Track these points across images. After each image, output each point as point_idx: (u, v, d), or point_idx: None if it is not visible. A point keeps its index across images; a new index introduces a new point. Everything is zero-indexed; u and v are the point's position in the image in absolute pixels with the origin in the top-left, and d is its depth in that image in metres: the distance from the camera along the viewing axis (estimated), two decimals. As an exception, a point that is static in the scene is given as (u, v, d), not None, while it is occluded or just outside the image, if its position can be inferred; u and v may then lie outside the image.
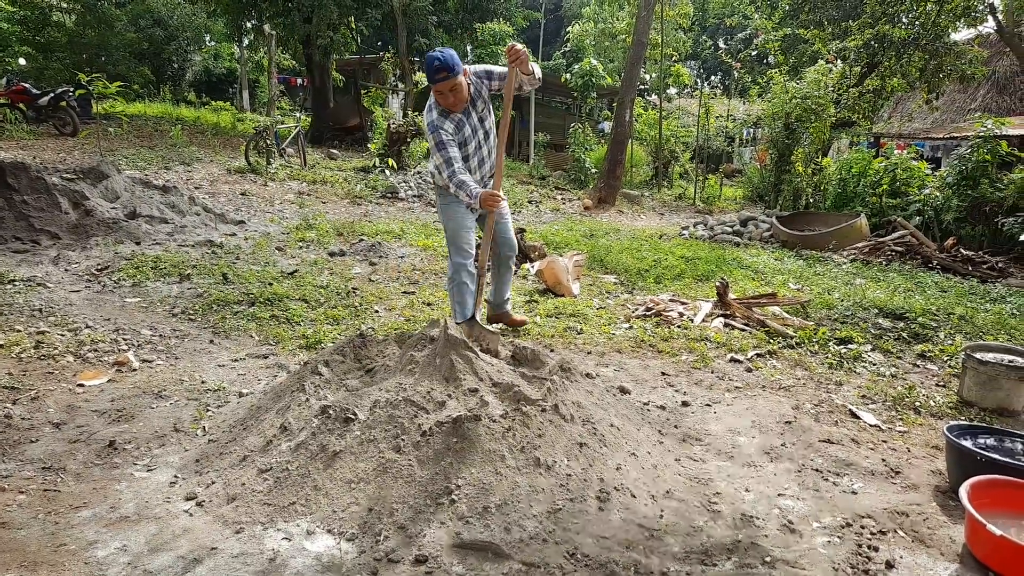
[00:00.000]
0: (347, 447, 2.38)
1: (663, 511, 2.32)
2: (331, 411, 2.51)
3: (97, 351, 3.66)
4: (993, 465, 2.44)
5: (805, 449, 2.95)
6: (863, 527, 2.32)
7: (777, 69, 12.49)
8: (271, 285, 5.09)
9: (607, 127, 18.33)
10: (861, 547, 2.20)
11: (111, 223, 6.24)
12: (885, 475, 2.74)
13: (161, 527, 2.16)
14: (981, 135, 8.34)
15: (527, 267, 6.41)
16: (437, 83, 3.41)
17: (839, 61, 12.20)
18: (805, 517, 2.39)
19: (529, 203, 12.11)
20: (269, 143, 11.82)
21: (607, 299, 5.56)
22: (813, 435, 3.08)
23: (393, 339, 3.16)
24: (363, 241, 7.00)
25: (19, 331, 3.81)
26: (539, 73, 3.50)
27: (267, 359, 3.75)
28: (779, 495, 2.54)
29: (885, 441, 3.08)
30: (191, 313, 4.43)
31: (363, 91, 19.30)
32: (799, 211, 10.45)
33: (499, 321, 4.33)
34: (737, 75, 18.67)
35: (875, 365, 4.12)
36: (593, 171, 14.60)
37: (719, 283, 5.08)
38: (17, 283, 4.70)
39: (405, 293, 5.31)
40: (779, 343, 4.42)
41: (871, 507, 2.47)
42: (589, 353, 4.17)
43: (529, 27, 25.80)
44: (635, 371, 3.90)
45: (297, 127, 12.99)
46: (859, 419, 3.32)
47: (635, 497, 2.35)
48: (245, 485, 2.33)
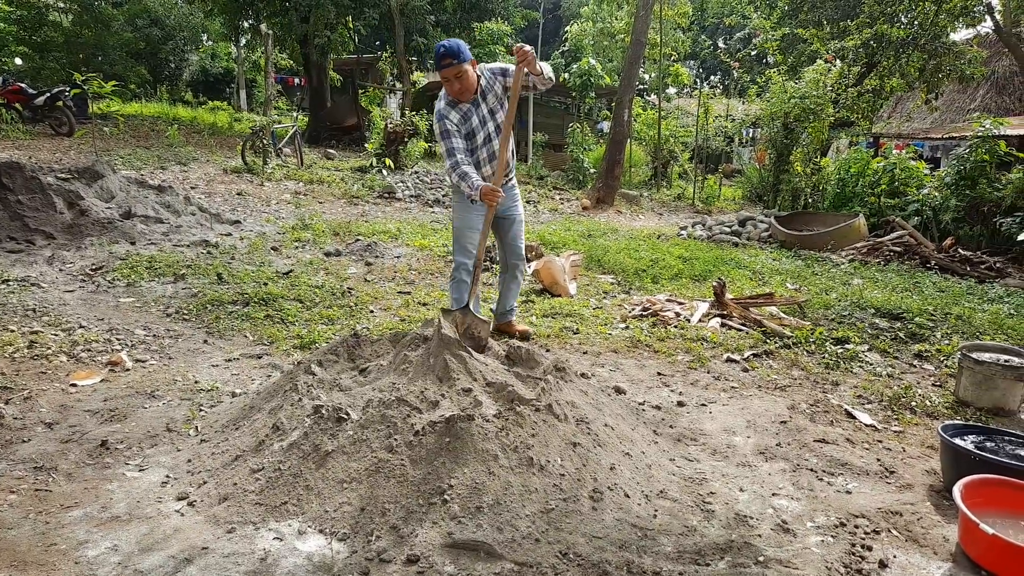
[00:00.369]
0: (340, 447, 2.37)
1: (657, 511, 2.31)
2: (324, 411, 2.50)
3: (90, 351, 3.65)
4: (987, 464, 2.44)
5: (800, 449, 2.95)
6: (857, 527, 2.32)
7: (776, 69, 12.48)
8: (266, 285, 5.08)
9: (606, 127, 18.29)
10: (855, 547, 2.20)
11: (106, 223, 6.22)
12: (880, 475, 2.74)
13: (152, 527, 2.15)
14: (980, 135, 8.33)
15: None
16: (443, 69, 3.46)
17: (838, 61, 12.17)
18: (799, 517, 2.38)
19: (527, 203, 12.08)
20: (266, 143, 11.79)
21: (604, 299, 5.55)
22: (808, 435, 3.08)
23: (387, 339, 3.15)
24: (359, 241, 6.99)
25: (12, 331, 3.80)
26: (549, 72, 3.54)
27: (261, 359, 3.74)
28: (773, 495, 2.53)
29: (880, 441, 3.08)
30: (185, 313, 4.42)
31: (360, 91, 19.30)
32: (797, 211, 10.43)
33: (503, 331, 4.24)
34: (736, 75, 18.67)
35: (871, 365, 4.11)
36: (591, 171, 14.57)
37: (716, 283, 5.07)
38: (11, 283, 4.68)
39: (401, 293, 5.29)
40: (776, 343, 4.42)
41: (865, 507, 2.46)
42: (585, 353, 4.16)
43: (527, 26, 25.77)
44: (631, 371, 3.89)
45: (294, 127, 12.96)
46: (855, 419, 3.31)
47: (629, 497, 2.34)
48: (237, 485, 2.33)
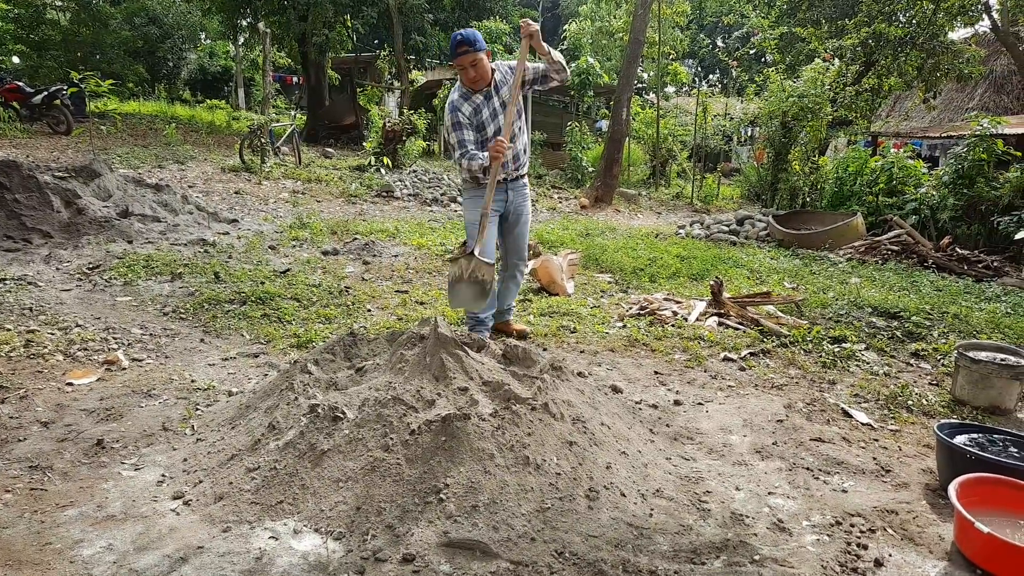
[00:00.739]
0: (335, 446, 2.37)
1: (653, 510, 2.31)
2: (320, 410, 2.49)
3: (87, 350, 3.64)
4: (983, 463, 2.44)
5: (796, 448, 2.95)
6: (853, 525, 2.32)
7: (774, 67, 12.47)
8: (263, 284, 5.08)
9: (604, 125, 18.27)
10: (850, 545, 2.20)
11: (103, 222, 6.21)
12: (876, 473, 2.74)
13: (148, 526, 2.15)
14: (977, 134, 8.34)
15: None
16: (458, 57, 3.51)
17: (836, 60, 12.18)
18: (795, 515, 2.39)
19: (525, 201, 12.07)
20: (264, 141, 11.77)
21: (601, 298, 5.55)
22: (804, 434, 3.08)
23: (384, 338, 3.15)
24: (357, 240, 6.98)
25: (9, 330, 3.79)
26: (559, 57, 3.58)
27: (258, 358, 3.74)
28: (769, 494, 2.53)
29: (877, 440, 3.08)
30: (182, 312, 4.41)
31: (359, 89, 19.28)
32: (796, 210, 10.44)
33: (500, 330, 4.27)
34: (734, 73, 18.66)
35: (868, 364, 4.12)
36: (590, 170, 14.56)
37: (714, 282, 5.07)
38: (8, 282, 4.67)
39: (398, 292, 5.29)
40: (773, 342, 4.42)
41: (861, 505, 2.46)
42: (582, 352, 4.16)
43: (526, 26, 25.70)
44: (628, 370, 3.89)
45: (292, 125, 12.94)
46: (851, 418, 3.32)
47: (625, 496, 2.34)
48: (233, 484, 2.32)
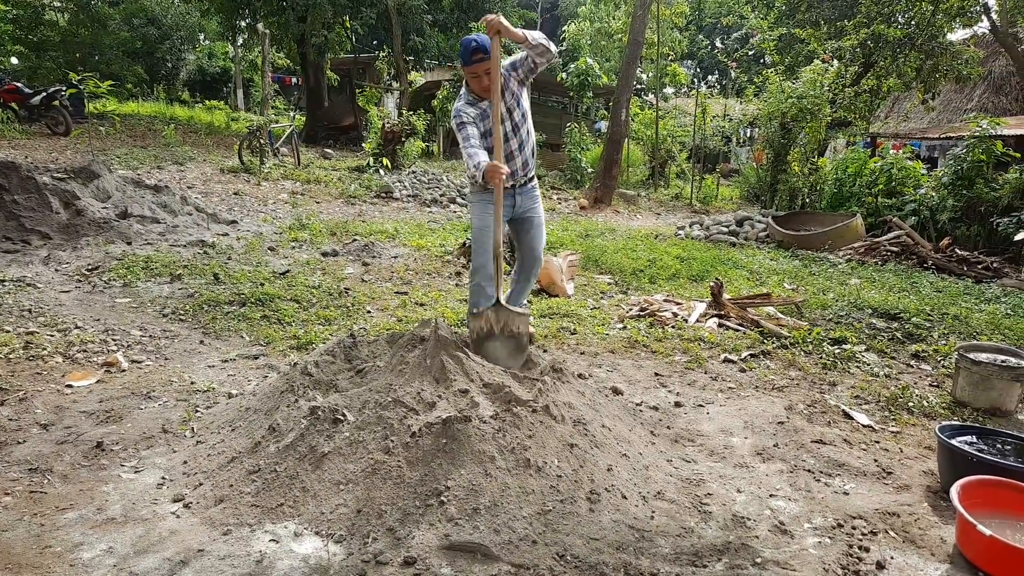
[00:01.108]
0: (336, 448, 2.36)
1: (654, 512, 2.31)
2: (320, 412, 2.49)
3: (86, 352, 3.63)
4: (984, 465, 2.44)
5: (797, 450, 2.94)
6: (854, 528, 2.32)
7: (773, 69, 12.47)
8: (262, 285, 5.07)
9: (603, 126, 18.27)
10: (852, 548, 2.20)
11: (102, 223, 6.20)
12: (877, 476, 2.74)
13: (148, 529, 2.14)
14: (976, 135, 8.35)
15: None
16: (473, 64, 3.38)
17: (835, 61, 12.20)
18: (796, 518, 2.38)
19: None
20: (263, 142, 11.75)
21: (601, 299, 5.55)
22: (805, 436, 3.08)
23: (384, 339, 3.14)
24: (356, 241, 6.97)
25: (8, 332, 3.78)
26: (535, 36, 3.37)
27: (257, 360, 3.73)
28: (771, 496, 2.53)
29: (878, 442, 3.08)
30: (181, 313, 4.40)
31: (358, 90, 19.26)
32: (795, 211, 10.44)
33: None
34: (733, 74, 18.68)
35: (869, 365, 4.11)
36: (589, 171, 14.55)
37: (714, 283, 5.07)
38: (7, 283, 4.66)
39: (398, 293, 5.29)
40: (773, 343, 4.42)
41: (862, 508, 2.46)
42: (582, 353, 4.15)
43: (524, 26, 25.76)
44: (628, 372, 3.88)
45: (291, 126, 12.92)
46: (852, 419, 3.31)
47: (626, 498, 2.33)
48: (233, 487, 2.32)
